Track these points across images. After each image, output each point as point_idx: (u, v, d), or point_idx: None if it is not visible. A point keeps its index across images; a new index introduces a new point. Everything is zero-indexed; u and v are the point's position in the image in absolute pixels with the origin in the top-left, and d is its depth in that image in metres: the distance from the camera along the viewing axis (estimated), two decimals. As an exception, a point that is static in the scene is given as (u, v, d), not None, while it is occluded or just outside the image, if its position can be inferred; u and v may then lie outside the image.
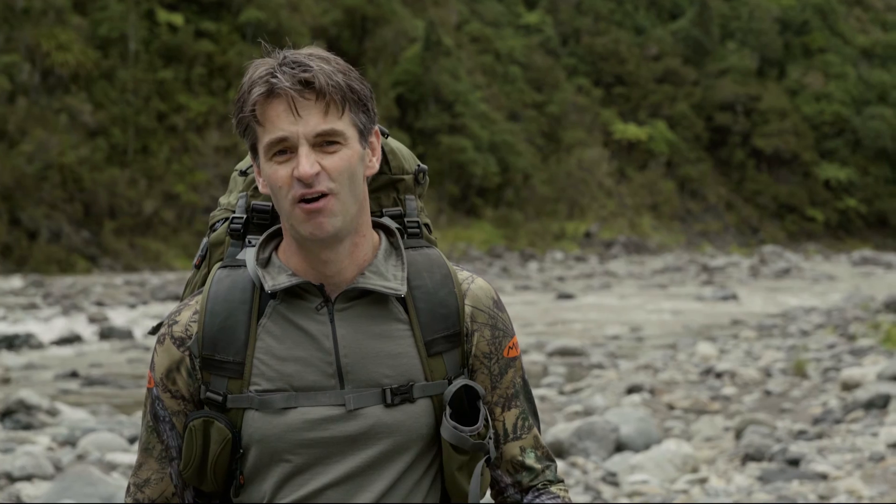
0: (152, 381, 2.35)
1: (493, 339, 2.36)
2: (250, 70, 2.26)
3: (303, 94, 2.21)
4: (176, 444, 2.35)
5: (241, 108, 2.25)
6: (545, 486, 2.40)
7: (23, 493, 9.29)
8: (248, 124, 2.25)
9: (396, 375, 2.28)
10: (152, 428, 2.35)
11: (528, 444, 2.39)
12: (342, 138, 2.23)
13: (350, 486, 2.27)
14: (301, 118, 2.21)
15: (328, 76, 2.22)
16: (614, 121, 77.03)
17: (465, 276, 2.39)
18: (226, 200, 2.48)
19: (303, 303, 2.30)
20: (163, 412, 2.34)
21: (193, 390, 2.32)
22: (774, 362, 17.22)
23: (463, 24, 73.70)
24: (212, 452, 2.29)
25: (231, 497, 2.34)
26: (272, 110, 2.22)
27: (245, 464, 2.30)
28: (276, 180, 2.23)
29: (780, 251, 65.61)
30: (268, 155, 2.24)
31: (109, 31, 54.72)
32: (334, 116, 2.22)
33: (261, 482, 2.30)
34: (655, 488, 9.25)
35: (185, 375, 2.32)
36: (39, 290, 35.79)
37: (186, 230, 51.65)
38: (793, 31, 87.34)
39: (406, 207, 2.42)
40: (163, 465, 2.36)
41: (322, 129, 2.21)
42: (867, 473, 9.17)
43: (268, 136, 2.23)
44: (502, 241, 61.83)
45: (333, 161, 2.22)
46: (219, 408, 2.29)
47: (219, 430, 2.28)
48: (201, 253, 2.46)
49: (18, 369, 18.66)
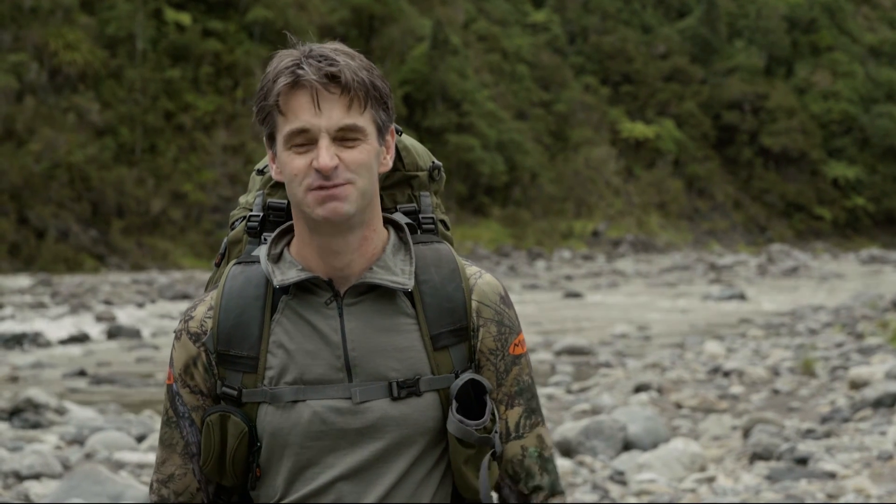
0: (171, 376, 2.38)
1: (498, 335, 2.37)
2: (275, 60, 2.28)
3: (328, 88, 2.23)
4: (195, 439, 2.37)
5: (264, 96, 2.27)
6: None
7: (31, 491, 9.31)
8: (270, 112, 2.27)
9: (403, 369, 2.30)
10: (174, 423, 2.38)
11: (531, 444, 2.39)
12: (362, 134, 2.26)
13: (360, 480, 2.29)
14: (323, 111, 2.23)
15: (354, 72, 2.24)
16: (622, 119, 76.97)
17: (473, 271, 2.40)
18: (245, 199, 2.51)
19: (313, 297, 2.32)
20: (182, 408, 2.37)
21: (210, 385, 2.35)
22: (782, 361, 17.20)
23: (470, 22, 73.67)
24: (229, 446, 2.32)
25: (248, 490, 2.37)
26: (296, 101, 2.24)
27: (261, 457, 2.33)
28: (291, 169, 2.25)
29: (788, 250, 65.55)
30: (287, 144, 2.25)
31: (117, 31, 54.79)
32: (356, 112, 2.25)
33: (274, 475, 2.33)
34: (663, 487, 9.24)
35: (201, 371, 2.35)
36: (47, 289, 35.85)
37: (194, 229, 51.71)
38: (800, 30, 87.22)
39: (421, 204, 2.44)
40: (185, 460, 2.38)
41: (344, 123, 2.24)
42: (875, 472, 9.16)
43: (289, 125, 2.24)
44: (510, 240, 61.81)
45: (353, 154, 2.25)
46: (234, 402, 2.32)
47: (235, 424, 2.31)
48: (221, 251, 2.49)
49: (26, 368, 18.69)
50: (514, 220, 63.91)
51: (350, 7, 62.99)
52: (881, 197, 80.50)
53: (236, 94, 56.77)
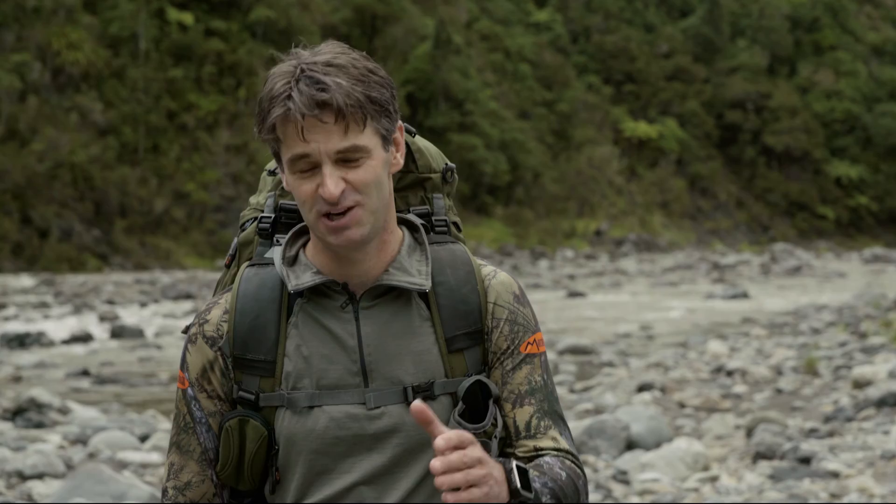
0: (186, 381, 2.34)
1: (511, 333, 2.35)
2: (269, 81, 2.20)
3: (320, 118, 2.15)
4: (213, 445, 2.33)
5: (262, 120, 2.20)
6: (554, 454, 2.30)
7: (34, 491, 9.31)
8: (268, 138, 2.22)
9: (418, 373, 2.28)
10: (191, 429, 2.34)
11: (546, 445, 2.31)
12: (364, 152, 2.19)
13: (377, 485, 2.27)
14: (320, 141, 2.16)
15: (346, 94, 2.15)
16: (624, 118, 76.98)
17: (488, 271, 2.37)
18: (255, 200, 2.47)
19: (328, 301, 2.29)
20: (199, 413, 2.33)
21: (227, 390, 2.32)
22: (785, 360, 17.19)
23: (473, 21, 73.68)
24: (248, 451, 2.29)
25: (266, 494, 2.34)
26: (289, 129, 2.17)
27: (279, 460, 2.30)
28: (300, 194, 2.20)
29: (791, 249, 65.52)
30: (291, 168, 2.20)
31: (120, 30, 54.84)
32: (356, 132, 2.17)
33: (290, 480, 2.30)
34: (666, 486, 9.24)
35: (219, 375, 2.32)
36: (50, 289, 35.86)
37: (197, 228, 51.74)
38: (803, 29, 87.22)
39: (434, 206, 2.41)
40: (203, 466, 2.34)
41: (342, 146, 2.17)
42: (879, 472, 9.15)
43: (289, 151, 2.19)
44: (513, 240, 61.82)
45: (358, 174, 2.19)
46: (252, 406, 2.29)
47: (254, 429, 2.28)
48: (231, 252, 2.45)
49: (30, 368, 18.70)
50: (516, 220, 63.91)
51: (353, 6, 63.00)
52: (884, 196, 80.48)
53: (239, 94, 56.79)
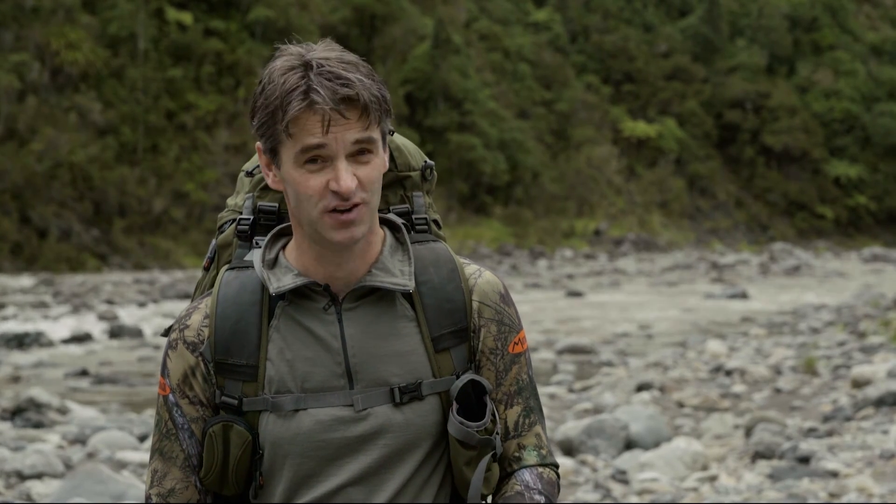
0: (167, 387, 2.31)
1: (499, 334, 2.33)
2: (277, 77, 2.17)
3: (344, 113, 2.15)
4: (196, 451, 2.31)
5: (270, 115, 2.17)
6: (532, 467, 2.34)
7: (33, 491, 9.31)
8: (275, 132, 2.18)
9: (405, 374, 2.26)
10: (173, 435, 2.32)
11: (530, 443, 2.35)
12: (374, 146, 2.20)
13: (365, 487, 2.26)
14: (339, 134, 2.15)
15: (369, 90, 2.17)
16: (623, 118, 76.96)
17: (472, 270, 2.35)
18: (233, 202, 2.44)
19: (310, 303, 2.27)
20: (181, 419, 2.31)
21: (209, 395, 2.30)
22: (784, 360, 17.20)
23: (472, 21, 73.67)
24: (232, 456, 2.27)
25: (250, 499, 2.32)
26: (309, 121, 2.15)
27: (263, 465, 2.28)
28: (305, 189, 2.18)
29: (790, 248, 65.54)
30: (298, 161, 2.17)
31: (119, 30, 54.80)
32: (372, 128, 2.18)
33: (276, 484, 2.28)
34: (665, 486, 9.24)
35: (200, 380, 2.29)
36: (49, 289, 35.86)
37: (196, 228, 51.72)
38: (802, 28, 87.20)
39: (413, 204, 2.39)
40: (186, 473, 2.32)
41: (359, 137, 2.17)
42: (878, 471, 9.15)
43: (300, 143, 2.16)
44: (512, 239, 61.80)
45: (367, 171, 2.19)
46: (235, 411, 2.27)
47: (238, 434, 2.26)
48: (210, 255, 2.43)
49: (29, 368, 18.70)
50: (515, 219, 63.89)
51: (352, 6, 62.98)
52: (883, 195, 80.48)
53: (238, 94, 56.78)
